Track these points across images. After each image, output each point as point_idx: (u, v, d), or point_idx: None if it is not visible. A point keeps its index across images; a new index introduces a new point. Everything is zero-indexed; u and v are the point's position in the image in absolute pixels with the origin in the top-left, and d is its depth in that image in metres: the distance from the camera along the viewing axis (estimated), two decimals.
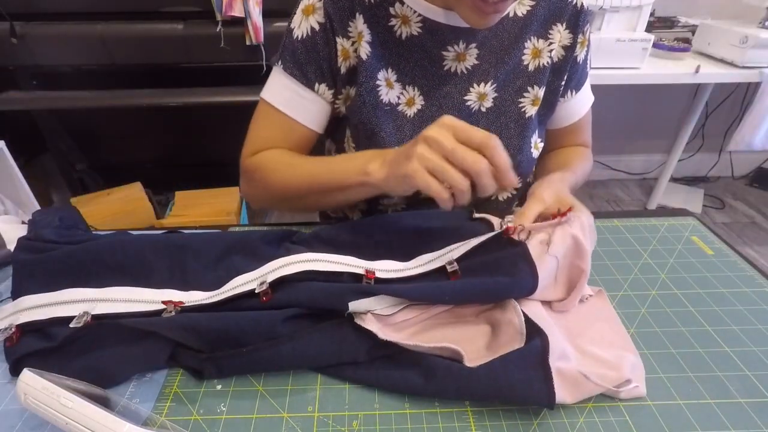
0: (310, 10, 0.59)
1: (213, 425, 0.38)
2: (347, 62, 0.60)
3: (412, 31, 0.59)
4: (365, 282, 0.45)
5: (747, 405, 0.40)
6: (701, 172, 2.30)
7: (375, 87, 0.60)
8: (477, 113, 0.63)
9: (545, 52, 0.62)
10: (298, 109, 0.62)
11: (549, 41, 0.61)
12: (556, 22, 0.61)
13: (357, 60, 0.60)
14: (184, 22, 1.37)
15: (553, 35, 0.61)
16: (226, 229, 0.62)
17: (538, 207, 0.49)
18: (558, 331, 0.43)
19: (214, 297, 0.46)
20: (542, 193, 0.50)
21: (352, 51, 0.60)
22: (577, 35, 0.62)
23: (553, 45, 0.61)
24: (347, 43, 0.59)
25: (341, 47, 0.59)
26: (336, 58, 0.60)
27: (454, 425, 0.38)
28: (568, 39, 0.62)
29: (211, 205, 1.56)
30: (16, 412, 0.39)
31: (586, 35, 0.63)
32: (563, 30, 0.61)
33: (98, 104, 1.45)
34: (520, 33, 0.60)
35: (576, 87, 0.67)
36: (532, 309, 0.44)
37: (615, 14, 1.45)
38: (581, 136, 0.73)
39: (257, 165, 0.62)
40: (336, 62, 0.60)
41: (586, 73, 0.68)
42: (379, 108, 0.61)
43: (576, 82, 0.66)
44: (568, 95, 0.67)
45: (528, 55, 0.62)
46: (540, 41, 0.61)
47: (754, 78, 1.48)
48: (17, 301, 0.45)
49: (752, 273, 0.55)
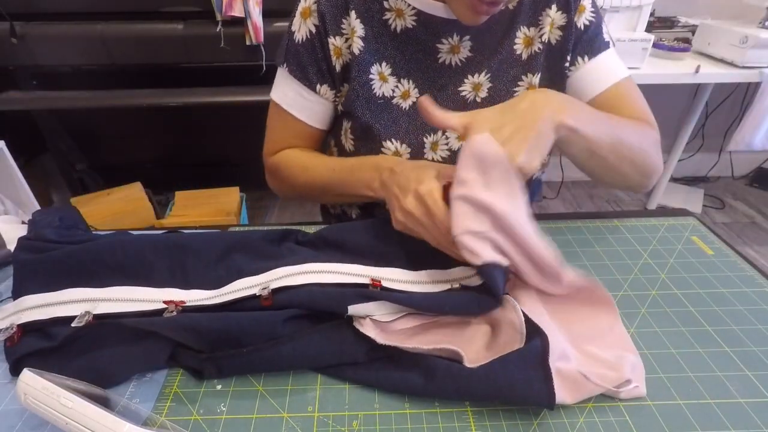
0: (307, 13, 0.60)
1: (213, 425, 0.38)
2: (341, 60, 0.61)
3: (406, 24, 0.59)
4: (371, 289, 0.46)
5: (747, 405, 0.40)
6: (701, 172, 2.30)
7: (368, 81, 0.61)
8: (472, 104, 0.63)
9: (537, 39, 0.61)
10: (302, 110, 0.65)
11: (540, 27, 0.61)
12: (545, 7, 0.60)
13: (350, 56, 0.61)
14: (184, 22, 1.37)
15: (543, 20, 0.60)
16: (226, 229, 0.62)
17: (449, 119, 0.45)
18: (558, 331, 0.43)
19: (215, 298, 0.46)
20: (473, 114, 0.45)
21: (345, 48, 0.61)
22: (571, 12, 0.59)
23: (544, 30, 0.60)
24: (340, 41, 0.60)
25: (333, 47, 0.61)
26: (330, 58, 0.61)
27: (454, 425, 0.38)
28: (562, 19, 0.60)
29: (211, 205, 1.56)
30: (16, 412, 0.39)
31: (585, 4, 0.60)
32: (555, 13, 0.60)
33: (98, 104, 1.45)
34: (511, 23, 0.60)
35: (589, 53, 0.61)
36: (531, 308, 0.44)
37: (615, 14, 1.45)
38: (627, 108, 0.60)
39: (277, 165, 0.68)
40: (331, 62, 0.62)
41: (599, 39, 0.61)
42: (373, 102, 0.62)
43: (587, 47, 0.61)
44: (579, 62, 0.61)
45: (520, 44, 0.61)
46: (531, 29, 0.61)
47: (754, 78, 1.48)
48: (18, 300, 0.45)
49: (752, 273, 0.55)
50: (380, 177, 0.54)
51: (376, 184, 0.55)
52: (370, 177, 0.56)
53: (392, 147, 0.63)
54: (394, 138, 0.63)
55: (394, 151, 0.63)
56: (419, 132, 0.63)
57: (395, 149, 0.63)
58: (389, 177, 0.52)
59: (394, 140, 0.63)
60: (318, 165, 0.64)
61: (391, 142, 0.62)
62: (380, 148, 0.63)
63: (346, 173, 0.60)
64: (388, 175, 0.53)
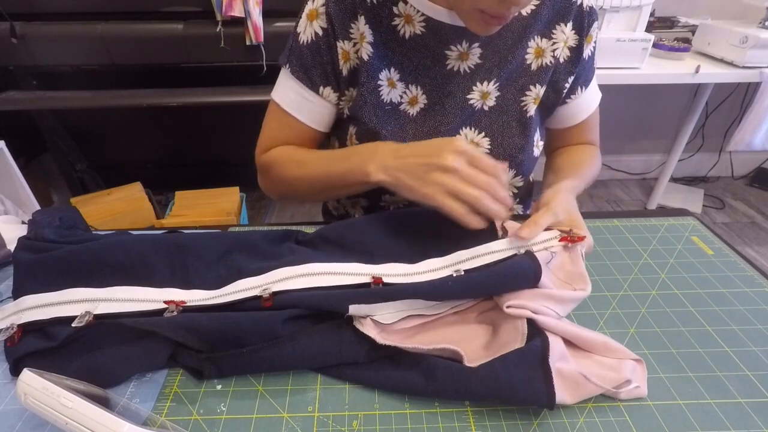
0: (314, 15, 0.60)
1: (213, 425, 0.38)
2: (348, 64, 0.61)
3: (415, 30, 0.59)
4: (373, 287, 0.46)
5: (747, 405, 0.40)
6: (701, 172, 2.30)
7: (377, 87, 0.61)
8: (480, 112, 0.63)
9: (548, 51, 0.62)
10: (303, 112, 0.64)
11: (552, 41, 0.61)
12: (560, 21, 0.61)
13: (359, 61, 0.60)
14: (184, 22, 1.38)
15: (556, 35, 0.61)
16: (226, 229, 0.62)
17: (549, 219, 0.49)
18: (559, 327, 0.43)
19: (216, 298, 0.46)
20: (556, 207, 0.50)
21: (353, 53, 0.60)
22: (583, 36, 0.62)
23: (557, 45, 0.61)
24: (348, 45, 0.60)
25: (341, 50, 0.60)
26: (338, 62, 0.61)
27: (454, 425, 0.38)
28: (574, 40, 0.62)
29: (211, 205, 1.56)
30: (16, 412, 0.39)
31: (593, 34, 0.63)
32: (569, 31, 0.61)
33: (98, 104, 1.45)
34: (523, 32, 0.60)
35: (584, 83, 0.67)
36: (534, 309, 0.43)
37: (615, 14, 1.45)
38: (590, 134, 0.73)
39: (270, 162, 0.66)
40: (338, 65, 0.61)
41: (593, 69, 0.68)
42: (380, 107, 0.61)
43: (584, 78, 0.66)
44: (578, 92, 0.67)
45: (531, 54, 0.62)
46: (543, 41, 0.61)
47: (754, 78, 1.48)
48: (18, 300, 0.45)
49: (752, 273, 0.55)
50: (383, 157, 0.52)
51: (372, 166, 0.52)
52: (365, 157, 0.53)
53: None
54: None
55: None
56: (426, 138, 0.63)
57: None
58: (400, 162, 0.50)
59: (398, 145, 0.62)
60: (311, 160, 0.62)
61: None
62: None
63: (339, 160, 0.58)
64: (396, 160, 0.51)
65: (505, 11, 0.49)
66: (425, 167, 0.48)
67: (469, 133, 0.63)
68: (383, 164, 0.51)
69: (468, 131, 0.63)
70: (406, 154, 0.51)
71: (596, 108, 0.71)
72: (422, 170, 0.48)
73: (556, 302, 0.44)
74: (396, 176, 0.50)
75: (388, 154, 0.52)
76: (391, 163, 0.51)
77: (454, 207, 0.46)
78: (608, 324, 0.48)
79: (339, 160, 0.58)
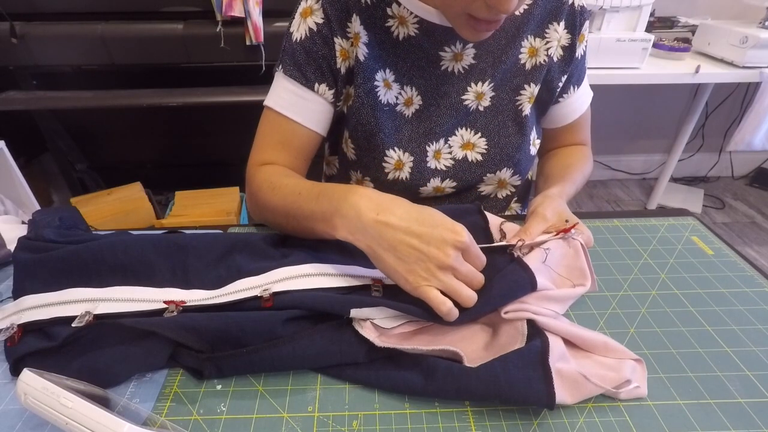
0: (308, 12, 0.59)
1: (213, 425, 0.38)
2: (347, 62, 0.60)
3: (409, 31, 0.59)
4: (374, 290, 0.46)
5: (747, 405, 0.40)
6: (701, 172, 2.30)
7: (373, 88, 0.60)
8: (475, 112, 0.63)
9: (542, 50, 0.62)
10: (299, 111, 0.61)
11: (546, 40, 0.62)
12: (552, 21, 0.61)
13: (355, 61, 0.60)
14: (184, 22, 1.37)
15: (549, 34, 0.61)
16: (226, 229, 0.62)
17: (541, 225, 0.50)
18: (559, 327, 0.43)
19: (215, 298, 0.46)
20: (544, 211, 0.51)
21: (351, 51, 0.60)
22: (575, 35, 0.62)
23: (551, 44, 0.62)
24: (346, 43, 0.59)
25: (340, 47, 0.59)
26: (335, 58, 0.60)
27: (454, 425, 0.38)
28: (567, 39, 0.62)
29: (211, 205, 1.56)
30: (16, 412, 0.39)
31: (585, 33, 0.64)
32: (561, 30, 0.62)
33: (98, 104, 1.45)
34: (517, 32, 0.61)
35: (577, 82, 0.67)
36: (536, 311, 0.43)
37: (615, 14, 1.45)
38: (581, 133, 0.73)
39: (258, 185, 0.58)
40: (335, 62, 0.60)
41: (585, 68, 0.68)
42: (378, 109, 0.61)
43: (577, 77, 0.67)
44: (570, 91, 0.67)
45: (525, 53, 0.62)
46: (537, 40, 0.62)
47: (754, 78, 1.48)
48: (19, 300, 0.45)
49: (752, 273, 0.55)
50: (357, 222, 0.43)
51: (340, 221, 0.45)
52: (335, 207, 0.45)
53: (395, 155, 0.62)
54: (397, 146, 0.62)
55: (396, 160, 0.62)
56: (422, 140, 0.63)
57: (398, 158, 0.62)
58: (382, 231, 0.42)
59: (396, 149, 0.62)
60: (286, 184, 0.54)
61: (393, 151, 0.62)
62: (383, 157, 0.62)
63: (310, 199, 0.49)
64: (376, 227, 0.42)
65: (493, 16, 0.48)
66: (417, 254, 0.41)
67: (465, 134, 0.64)
68: (357, 225, 0.44)
69: (464, 132, 0.64)
70: (393, 224, 0.42)
71: (588, 107, 0.71)
72: (413, 256, 0.41)
73: (555, 302, 0.45)
74: (372, 248, 0.43)
75: (366, 211, 0.43)
76: (369, 227, 0.43)
77: (441, 302, 0.41)
78: (608, 324, 0.48)
79: (307, 198, 0.50)
